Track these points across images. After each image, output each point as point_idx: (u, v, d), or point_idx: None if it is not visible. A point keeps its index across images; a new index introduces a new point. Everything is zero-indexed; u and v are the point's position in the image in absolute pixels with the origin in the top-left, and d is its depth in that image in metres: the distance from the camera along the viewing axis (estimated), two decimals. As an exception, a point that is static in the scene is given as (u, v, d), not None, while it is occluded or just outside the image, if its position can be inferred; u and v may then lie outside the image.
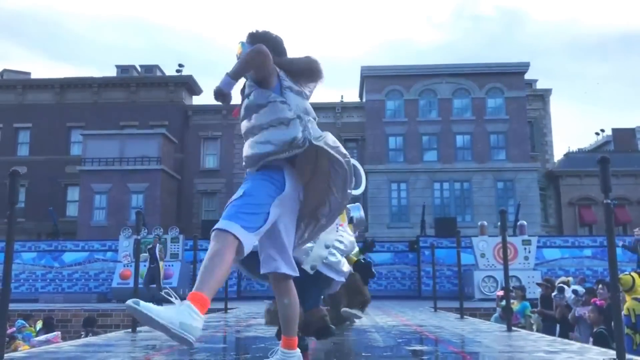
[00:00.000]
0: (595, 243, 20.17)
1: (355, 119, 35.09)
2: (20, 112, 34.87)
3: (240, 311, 11.93)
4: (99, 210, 30.21)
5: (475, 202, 30.78)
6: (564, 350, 4.86)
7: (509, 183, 31.09)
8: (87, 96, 35.68)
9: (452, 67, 32.95)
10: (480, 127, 31.88)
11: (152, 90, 35.88)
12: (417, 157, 31.76)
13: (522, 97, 32.57)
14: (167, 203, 31.52)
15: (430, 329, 7.37)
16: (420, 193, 30.52)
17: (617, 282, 4.49)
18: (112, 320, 14.35)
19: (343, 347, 5.44)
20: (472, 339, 6.11)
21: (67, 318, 14.78)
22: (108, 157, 30.32)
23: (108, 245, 21.11)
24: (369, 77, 32.94)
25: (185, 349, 5.33)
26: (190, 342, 2.51)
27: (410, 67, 33.14)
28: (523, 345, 5.38)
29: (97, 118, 34.10)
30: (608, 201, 4.33)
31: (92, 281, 20.62)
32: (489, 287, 17.59)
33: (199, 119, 35.67)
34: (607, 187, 4.33)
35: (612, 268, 4.37)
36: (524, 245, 18.12)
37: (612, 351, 4.63)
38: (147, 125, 33.89)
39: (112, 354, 4.69)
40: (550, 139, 36.21)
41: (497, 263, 17.45)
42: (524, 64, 32.83)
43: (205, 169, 35.03)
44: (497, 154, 31.76)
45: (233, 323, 8.59)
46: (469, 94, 32.41)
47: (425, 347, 5.74)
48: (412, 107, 32.47)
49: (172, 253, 19.35)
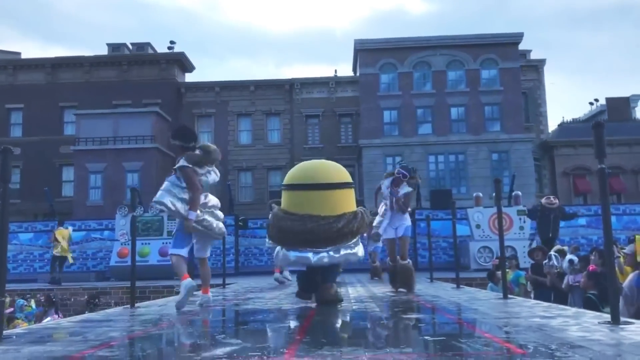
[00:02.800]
0: (589, 212, 20.26)
1: (349, 93, 34.95)
2: (11, 92, 34.59)
3: (239, 286, 12.00)
4: (94, 190, 30.17)
5: (470, 174, 30.84)
6: (560, 315, 4.92)
7: (503, 154, 31.13)
8: (79, 75, 35.37)
9: (445, 38, 32.74)
10: (474, 99, 31.80)
11: (144, 68, 35.58)
12: (411, 130, 31.71)
13: (516, 68, 32.44)
14: (163, 181, 31.35)
15: (427, 299, 7.44)
16: (416, 166, 30.43)
17: (611, 247, 4.52)
18: (112, 298, 14.46)
19: (342, 317, 5.48)
20: (469, 307, 6.17)
21: (67, 297, 14.86)
22: (102, 137, 30.17)
23: (105, 224, 21.12)
24: (363, 50, 32.71)
25: (184, 322, 5.37)
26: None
27: (403, 39, 32.91)
28: (519, 311, 5.44)
29: (90, 97, 33.86)
30: (602, 166, 4.34)
31: (90, 260, 20.68)
32: (484, 258, 17.72)
33: (192, 96, 35.46)
34: (601, 152, 4.34)
35: (606, 233, 4.40)
36: (519, 215, 18.20)
37: (607, 315, 4.69)
38: (140, 104, 33.69)
39: (111, 328, 4.72)
40: (544, 110, 36.18)
41: (493, 234, 17.55)
42: (517, 34, 32.63)
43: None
44: (491, 125, 31.73)
45: (231, 297, 8.65)
46: (463, 65, 32.26)
47: (422, 315, 5.80)
48: (406, 80, 32.33)
49: (169, 231, 19.34)
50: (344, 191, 6.40)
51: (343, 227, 6.08)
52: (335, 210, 6.14)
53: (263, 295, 8.75)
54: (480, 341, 3.70)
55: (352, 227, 6.17)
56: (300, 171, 6.59)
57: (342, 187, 6.38)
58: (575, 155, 33.97)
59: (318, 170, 6.53)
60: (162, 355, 3.64)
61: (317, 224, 6.02)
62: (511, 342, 3.53)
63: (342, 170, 6.59)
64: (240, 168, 34.68)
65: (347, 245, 6.23)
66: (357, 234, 6.32)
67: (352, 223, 6.15)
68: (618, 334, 3.73)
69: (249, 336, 4.38)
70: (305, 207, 6.16)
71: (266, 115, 35.47)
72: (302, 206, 6.19)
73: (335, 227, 6.04)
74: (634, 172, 33.81)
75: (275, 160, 34.77)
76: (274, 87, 35.58)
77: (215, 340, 4.00)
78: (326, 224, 6.03)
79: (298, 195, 6.34)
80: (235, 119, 35.37)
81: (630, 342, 3.37)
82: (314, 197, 6.21)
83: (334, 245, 6.12)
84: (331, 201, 6.21)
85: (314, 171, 6.50)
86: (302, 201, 6.24)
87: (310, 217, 6.05)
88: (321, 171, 6.49)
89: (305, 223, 6.02)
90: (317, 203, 6.17)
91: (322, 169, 6.57)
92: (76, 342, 3.96)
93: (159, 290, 14.44)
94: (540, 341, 3.46)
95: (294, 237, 6.12)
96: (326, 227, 6.02)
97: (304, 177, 6.42)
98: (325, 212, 6.09)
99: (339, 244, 6.15)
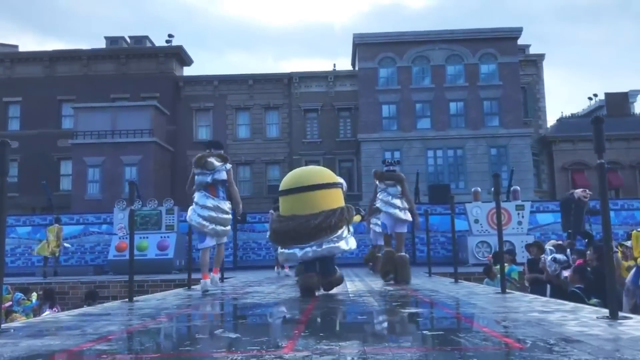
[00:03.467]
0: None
1: (348, 87, 34.90)
2: (9, 85, 34.50)
3: (237, 280, 12.00)
4: (92, 184, 30.14)
5: (469, 169, 30.86)
6: (558, 310, 4.92)
7: (502, 149, 31.14)
8: (77, 69, 35.27)
9: (444, 32, 32.69)
10: (473, 94, 31.77)
11: (142, 62, 35.49)
12: (410, 125, 31.68)
13: (515, 62, 32.41)
14: (161, 175, 31.46)
15: (425, 293, 7.44)
16: (414, 161, 30.53)
17: (610, 242, 4.52)
18: (110, 292, 14.43)
19: (341, 310, 5.48)
20: (467, 301, 6.17)
21: (65, 290, 14.86)
22: (100, 130, 30.12)
23: (103, 218, 21.11)
24: (362, 44, 32.65)
25: (183, 316, 5.37)
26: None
27: (402, 33, 32.85)
28: (517, 306, 5.44)
29: (88, 91, 33.78)
30: (602, 161, 4.34)
31: (88, 254, 20.67)
32: (482, 252, 17.74)
33: (190, 90, 35.38)
34: (601, 147, 4.34)
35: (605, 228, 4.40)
36: (517, 210, 18.22)
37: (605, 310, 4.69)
38: (138, 97, 33.61)
39: (109, 322, 4.71)
40: (543, 105, 36.17)
41: (491, 228, 17.57)
42: (516, 29, 32.57)
43: (198, 141, 34.86)
44: (490, 120, 31.73)
45: (230, 291, 8.65)
46: (462, 60, 32.22)
47: (420, 310, 5.80)
48: (405, 75, 32.28)
49: (167, 225, 19.37)
50: (326, 191, 6.90)
51: (320, 223, 6.63)
52: (315, 209, 6.72)
53: (262, 289, 8.75)
54: (479, 335, 3.70)
55: (330, 222, 6.67)
56: (289, 178, 7.27)
57: (323, 188, 6.90)
58: (574, 150, 33.99)
59: (302, 175, 7.19)
60: (161, 349, 3.63)
61: (298, 222, 6.66)
62: (509, 336, 3.53)
63: (326, 173, 7.25)
64: (238, 162, 34.64)
65: (329, 240, 6.76)
66: (336, 228, 6.77)
67: (329, 219, 6.68)
68: (616, 329, 3.74)
69: (247, 330, 4.38)
70: (293, 209, 6.87)
71: (265, 109, 35.42)
72: (290, 209, 6.91)
73: (312, 223, 6.61)
74: (631, 167, 33.83)
75: (273, 155, 34.75)
76: (273, 81, 35.52)
77: (214, 334, 4.00)
78: (305, 221, 6.64)
79: (287, 200, 7.04)
80: (234, 113, 35.31)
81: (628, 337, 3.37)
82: (298, 199, 6.87)
83: (315, 240, 6.70)
84: (312, 201, 6.79)
85: (299, 176, 7.15)
86: (290, 204, 6.95)
87: (294, 217, 6.74)
88: (305, 175, 7.14)
89: (289, 223, 6.72)
90: (300, 204, 6.83)
91: (306, 173, 7.25)
92: (74, 335, 3.96)
93: (157, 284, 14.45)
94: (539, 336, 3.46)
95: (283, 236, 6.86)
96: (305, 225, 6.63)
97: (291, 183, 7.06)
98: (306, 212, 6.72)
99: (319, 239, 6.71)
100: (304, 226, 6.63)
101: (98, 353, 3.22)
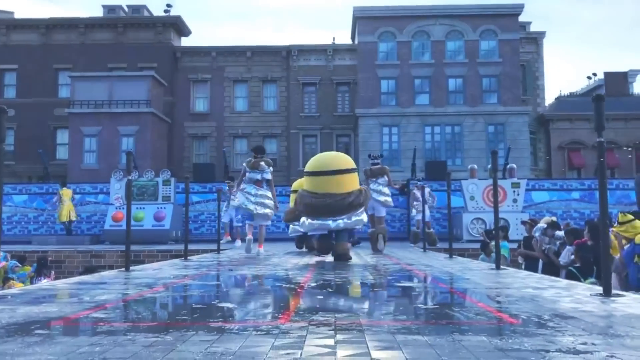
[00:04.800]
0: (583, 186, 20.34)
1: (347, 61, 34.61)
2: (5, 52, 34.10)
3: (233, 252, 12.06)
4: (89, 153, 30.02)
5: (466, 146, 30.81)
6: (552, 287, 4.97)
7: (499, 127, 31.06)
8: (74, 37, 34.86)
9: (445, 8, 32.34)
10: (472, 70, 31.57)
11: (140, 31, 35.08)
12: (409, 100, 31.52)
13: (516, 39, 32.14)
14: (158, 146, 31.34)
15: (420, 268, 7.50)
16: (412, 137, 30.45)
17: (606, 220, 4.54)
18: (106, 261, 14.49)
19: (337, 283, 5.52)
20: (461, 277, 6.22)
21: (61, 259, 14.91)
22: (97, 100, 29.89)
23: (99, 188, 21.05)
24: (362, 18, 32.30)
25: (179, 286, 5.40)
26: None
27: (403, 7, 32.49)
28: (511, 282, 5.48)
29: (85, 60, 33.43)
30: (601, 139, 4.33)
31: (84, 223, 20.67)
32: (477, 229, 17.80)
33: (188, 60, 35.05)
34: (600, 125, 4.33)
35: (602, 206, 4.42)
36: (513, 188, 18.25)
37: (598, 287, 4.74)
38: (135, 67, 33.28)
39: (105, 290, 4.74)
40: (542, 83, 35.98)
41: (486, 205, 17.62)
42: (518, 5, 32.23)
43: (195, 113, 34.71)
44: (488, 97, 31.58)
45: (226, 262, 8.70)
46: (463, 36, 31.94)
47: (415, 284, 5.85)
48: (404, 50, 32.01)
49: (164, 196, 19.35)
50: (351, 175, 8.72)
51: (353, 201, 8.43)
52: (345, 189, 8.46)
53: (258, 261, 8.80)
54: (473, 310, 3.73)
55: (359, 200, 8.53)
56: (318, 162, 8.99)
57: (349, 172, 8.70)
58: (571, 129, 33.93)
59: (332, 160, 9.02)
60: (156, 318, 3.66)
61: (334, 200, 8.38)
62: (503, 311, 3.57)
63: (349, 159, 9.10)
64: (235, 135, 34.51)
65: (355, 214, 8.56)
66: (362, 205, 8.67)
67: (359, 198, 8.53)
68: (609, 305, 3.78)
69: (243, 301, 4.41)
70: (324, 187, 8.52)
71: (262, 82, 35.16)
72: (321, 187, 8.56)
73: (347, 201, 8.39)
74: (628, 147, 33.83)
75: (271, 128, 34.60)
76: (271, 53, 35.18)
77: (210, 305, 4.03)
78: (340, 199, 8.37)
79: (318, 180, 8.67)
80: (232, 85, 35.03)
81: (621, 314, 3.41)
82: (330, 180, 8.52)
83: (346, 214, 8.47)
84: (342, 183, 8.52)
85: (330, 161, 8.94)
86: (321, 184, 8.60)
87: (329, 194, 8.42)
88: (334, 161, 8.93)
89: (325, 200, 8.41)
90: (332, 185, 8.50)
91: (335, 159, 9.09)
92: (72, 303, 3.99)
93: (153, 254, 14.50)
94: (533, 311, 3.49)
95: (317, 210, 8.54)
96: (340, 202, 8.37)
97: (321, 166, 8.76)
98: (338, 191, 8.42)
99: (349, 213, 8.49)
100: (340, 203, 8.35)
101: (95, 321, 3.24)
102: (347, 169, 8.68)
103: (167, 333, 2.79)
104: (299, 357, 2.28)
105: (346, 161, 8.95)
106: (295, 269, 7.14)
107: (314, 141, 34.23)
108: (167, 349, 2.43)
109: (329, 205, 8.35)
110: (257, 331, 2.84)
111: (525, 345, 2.49)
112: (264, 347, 2.46)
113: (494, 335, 2.80)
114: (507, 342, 2.57)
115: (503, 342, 2.58)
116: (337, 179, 8.49)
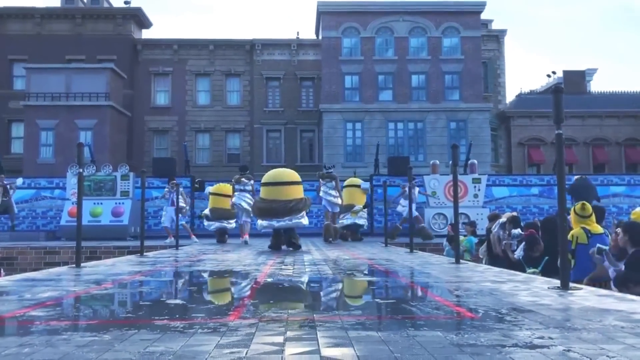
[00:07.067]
0: (542, 182, 20.63)
1: (311, 56, 34.46)
2: (-44, 42, 32.91)
3: (193, 248, 11.82)
4: (45, 147, 29.18)
5: (428, 142, 31.00)
6: (510, 281, 4.93)
7: (461, 123, 31.34)
8: (30, 27, 33.82)
9: (409, 4, 32.43)
10: (435, 67, 31.76)
11: (99, 23, 34.23)
12: (372, 96, 31.53)
13: (478, 37, 32.46)
14: (117, 140, 30.65)
15: (381, 262, 7.42)
16: (375, 133, 30.49)
17: (564, 213, 4.51)
18: (60, 258, 14.02)
19: (293, 277, 5.39)
20: (421, 271, 6.17)
21: (13, 256, 14.39)
22: (54, 92, 29.05)
23: (55, 183, 20.43)
24: (326, 13, 32.16)
25: (130, 282, 5.20)
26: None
27: (367, 3, 32.46)
28: (470, 275, 5.44)
29: (41, 51, 32.45)
30: (560, 132, 4.30)
31: (39, 219, 20.05)
32: (439, 224, 17.91)
33: (149, 53, 34.38)
34: (559, 117, 4.30)
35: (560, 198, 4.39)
36: (474, 183, 18.39)
37: (556, 280, 4.72)
38: (94, 59, 32.46)
39: (50, 287, 4.51)
40: (503, 80, 36.46)
41: (447, 201, 17.72)
42: (480, 3, 32.55)
43: (156, 106, 34.06)
44: (451, 94, 31.82)
45: (183, 258, 8.49)
46: (425, 32, 32.10)
47: (374, 278, 5.76)
48: (368, 45, 32.01)
49: (122, 191, 18.88)
50: (295, 186, 10.85)
51: (293, 207, 10.46)
52: (288, 197, 10.54)
53: (215, 257, 8.61)
54: (431, 304, 3.65)
55: (299, 206, 10.54)
56: (270, 175, 11.05)
57: (293, 184, 10.86)
58: (531, 126, 34.51)
59: (281, 174, 11.11)
60: (98, 316, 3.47)
61: (278, 204, 10.40)
62: (462, 305, 3.49)
63: (295, 174, 11.19)
64: (197, 129, 34.02)
65: (296, 217, 10.53)
66: (302, 210, 10.63)
67: (299, 204, 10.54)
68: (567, 299, 3.74)
69: (193, 298, 4.24)
70: (272, 195, 10.60)
71: (225, 76, 34.70)
72: (270, 195, 10.63)
73: (288, 206, 10.42)
74: (585, 144, 34.57)
75: (234, 123, 34.20)
76: (234, 47, 34.76)
77: (158, 302, 3.86)
78: (283, 204, 10.40)
79: (268, 189, 10.74)
80: (194, 79, 34.50)
81: (578, 307, 3.37)
82: (277, 190, 10.65)
83: (288, 216, 10.45)
84: (286, 192, 10.63)
85: (279, 175, 11.03)
86: (270, 192, 10.67)
87: (274, 201, 10.47)
88: (282, 175, 11.05)
89: (272, 204, 10.46)
90: (278, 193, 10.59)
91: (283, 173, 11.17)
92: (10, 301, 3.76)
93: (110, 251, 14.11)
94: (491, 305, 3.42)
95: (266, 212, 10.57)
96: (283, 206, 10.40)
97: (272, 178, 10.86)
98: (282, 198, 10.48)
99: (290, 216, 10.47)
100: (283, 207, 10.37)
101: (31, 319, 3.04)
102: (291, 181, 10.83)
103: (106, 332, 2.62)
104: (244, 357, 2.14)
105: (292, 175, 11.08)
106: (253, 264, 6.99)
107: (277, 136, 34.01)
108: (102, 349, 2.26)
109: (274, 208, 10.39)
110: (203, 329, 2.69)
111: (481, 340, 2.40)
112: (207, 345, 2.32)
113: (451, 330, 2.70)
114: (464, 337, 2.48)
115: (459, 337, 2.49)
116: (283, 189, 10.61)
